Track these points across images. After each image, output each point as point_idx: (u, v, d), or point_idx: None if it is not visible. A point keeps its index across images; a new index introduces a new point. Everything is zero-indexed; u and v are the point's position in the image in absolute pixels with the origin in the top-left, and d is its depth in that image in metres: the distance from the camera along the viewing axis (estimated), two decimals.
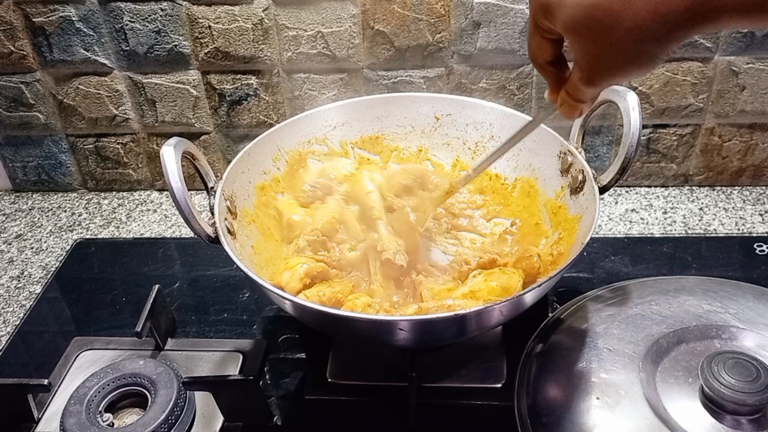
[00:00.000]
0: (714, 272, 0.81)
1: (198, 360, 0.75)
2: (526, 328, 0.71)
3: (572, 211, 0.72)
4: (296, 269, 0.70)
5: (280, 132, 0.80)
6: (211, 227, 0.65)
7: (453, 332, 0.63)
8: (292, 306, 0.61)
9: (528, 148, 0.79)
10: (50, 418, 0.70)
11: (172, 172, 0.61)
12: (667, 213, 0.94)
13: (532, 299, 0.61)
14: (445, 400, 0.69)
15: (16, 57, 0.95)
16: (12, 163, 1.06)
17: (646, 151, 0.96)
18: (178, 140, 0.63)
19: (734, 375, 0.55)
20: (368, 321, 0.60)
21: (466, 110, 0.83)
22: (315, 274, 0.70)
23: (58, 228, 1.01)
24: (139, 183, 1.06)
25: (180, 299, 0.84)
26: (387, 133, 0.85)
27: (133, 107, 0.99)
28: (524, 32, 0.87)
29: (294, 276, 0.69)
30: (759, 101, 0.90)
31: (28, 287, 0.90)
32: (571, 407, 0.60)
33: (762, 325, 0.64)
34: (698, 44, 0.87)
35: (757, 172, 0.96)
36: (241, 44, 0.91)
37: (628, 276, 0.81)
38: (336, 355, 0.74)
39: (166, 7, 0.89)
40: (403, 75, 0.92)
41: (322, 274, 0.71)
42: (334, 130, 0.83)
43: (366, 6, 0.87)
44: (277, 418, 0.69)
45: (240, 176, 0.74)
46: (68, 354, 0.77)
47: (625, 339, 0.64)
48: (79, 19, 0.91)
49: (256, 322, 0.81)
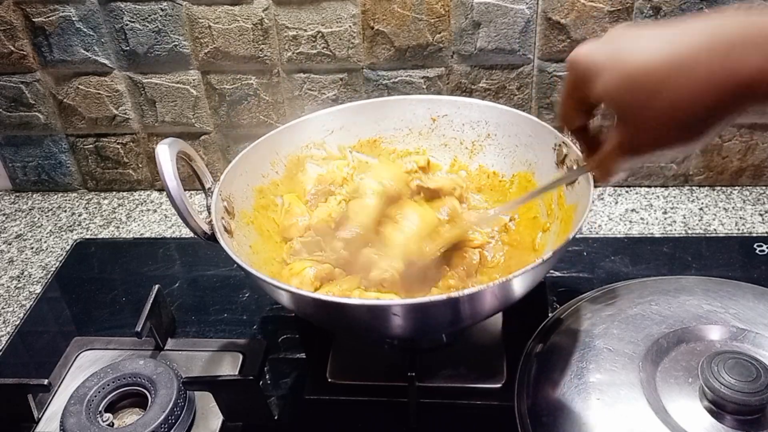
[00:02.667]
0: (714, 272, 0.81)
1: (198, 360, 0.75)
2: (526, 328, 0.71)
3: (568, 201, 0.72)
4: (304, 274, 0.70)
5: (278, 136, 0.79)
6: (207, 225, 0.65)
7: (448, 318, 0.62)
8: (286, 296, 0.60)
9: (524, 144, 0.79)
10: (50, 418, 0.70)
11: (167, 170, 0.62)
12: (667, 213, 0.94)
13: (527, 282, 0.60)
14: (445, 400, 0.69)
15: (16, 57, 0.95)
16: (12, 163, 1.06)
17: None
18: (173, 140, 0.65)
19: (734, 375, 0.55)
20: (361, 306, 0.60)
21: (462, 110, 0.83)
22: (323, 276, 0.70)
23: (58, 228, 1.01)
24: (139, 183, 1.06)
25: (180, 299, 0.85)
26: (385, 135, 0.85)
27: (133, 107, 0.99)
28: (524, 32, 0.87)
29: (304, 281, 0.69)
30: None
31: (28, 287, 0.90)
32: (571, 407, 0.60)
33: (762, 325, 0.64)
34: None
35: (757, 172, 0.96)
36: (241, 44, 0.91)
37: (628, 276, 0.81)
38: (336, 355, 0.74)
39: (166, 7, 0.89)
40: (403, 75, 0.92)
41: (329, 275, 0.71)
42: (332, 135, 0.83)
43: (366, 6, 0.87)
44: (277, 418, 0.69)
45: (238, 178, 0.74)
46: (68, 354, 0.77)
47: (625, 339, 0.64)
48: (79, 19, 0.91)
49: (256, 322, 0.81)
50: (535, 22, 0.86)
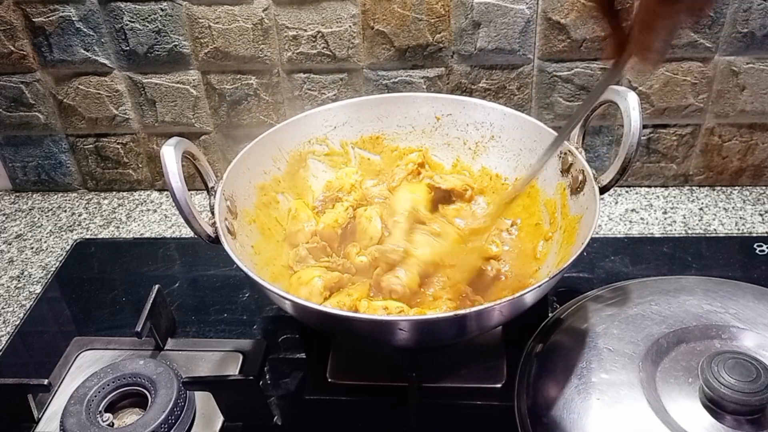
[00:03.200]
0: (714, 272, 0.81)
1: (198, 360, 0.75)
2: (526, 328, 0.72)
3: (573, 211, 0.72)
4: (313, 284, 0.69)
5: (281, 132, 0.80)
6: (211, 227, 0.65)
7: (453, 332, 0.63)
8: (292, 306, 0.61)
9: (528, 149, 0.79)
10: (50, 418, 0.70)
11: (173, 173, 0.61)
12: (667, 213, 0.94)
13: (533, 299, 0.61)
14: (445, 400, 0.69)
15: (16, 57, 0.95)
16: (12, 163, 1.06)
17: (646, 151, 0.96)
18: (179, 140, 0.63)
19: (734, 375, 0.55)
20: (368, 321, 0.60)
21: (467, 110, 0.83)
22: (332, 286, 0.70)
23: (58, 228, 1.01)
24: (139, 183, 1.06)
25: (180, 299, 0.84)
26: (387, 133, 0.85)
27: (133, 107, 0.99)
28: (524, 32, 0.87)
29: (314, 292, 0.69)
30: (759, 101, 0.90)
31: (28, 287, 0.90)
32: (571, 407, 0.60)
33: (762, 325, 0.64)
34: (698, 44, 0.87)
35: (757, 172, 0.96)
36: (241, 44, 0.91)
37: (628, 276, 0.81)
38: (336, 355, 0.74)
39: (166, 7, 0.89)
40: (403, 75, 0.92)
41: (338, 284, 0.71)
42: (335, 130, 0.83)
43: (366, 6, 0.87)
44: (277, 418, 0.69)
45: (240, 176, 0.74)
46: (68, 354, 0.77)
47: (625, 339, 0.64)
48: (79, 19, 0.91)
49: (256, 322, 0.81)
50: (535, 22, 0.86)
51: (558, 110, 0.93)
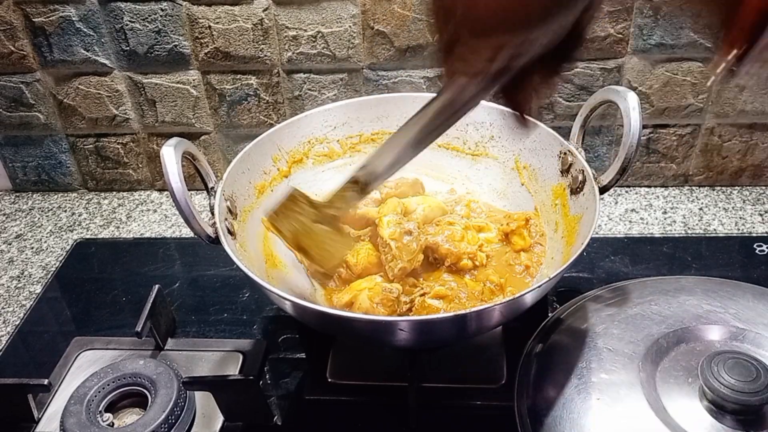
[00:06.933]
0: (714, 272, 0.81)
1: (198, 360, 0.75)
2: (526, 328, 0.71)
3: (572, 211, 0.72)
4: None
5: (280, 132, 0.80)
6: (211, 227, 0.65)
7: (453, 333, 0.63)
8: (292, 306, 0.61)
9: (528, 149, 0.79)
10: (50, 418, 0.70)
11: (173, 173, 0.61)
12: (666, 213, 0.94)
13: (532, 300, 0.61)
14: (445, 400, 0.69)
15: (16, 57, 0.95)
16: (12, 163, 1.06)
17: (646, 151, 0.96)
18: (179, 140, 0.63)
19: (734, 375, 0.55)
20: (368, 321, 0.60)
21: None
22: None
23: (58, 228, 1.01)
24: (139, 183, 1.06)
25: (180, 299, 0.84)
26: (387, 132, 0.85)
27: (133, 107, 0.99)
28: None
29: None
30: (759, 101, 0.90)
31: (28, 287, 0.90)
32: (571, 407, 0.60)
33: (762, 325, 0.64)
34: (698, 44, 0.87)
35: (757, 172, 0.96)
36: (241, 44, 0.91)
37: (628, 276, 0.81)
38: (336, 355, 0.74)
39: (166, 7, 0.89)
40: (403, 75, 0.92)
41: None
42: (335, 130, 0.83)
43: (366, 6, 0.87)
44: (277, 418, 0.69)
45: (240, 176, 0.74)
46: (68, 354, 0.77)
47: (625, 339, 0.64)
48: (79, 19, 0.91)
49: (256, 322, 0.81)
50: None
51: (558, 110, 0.93)
